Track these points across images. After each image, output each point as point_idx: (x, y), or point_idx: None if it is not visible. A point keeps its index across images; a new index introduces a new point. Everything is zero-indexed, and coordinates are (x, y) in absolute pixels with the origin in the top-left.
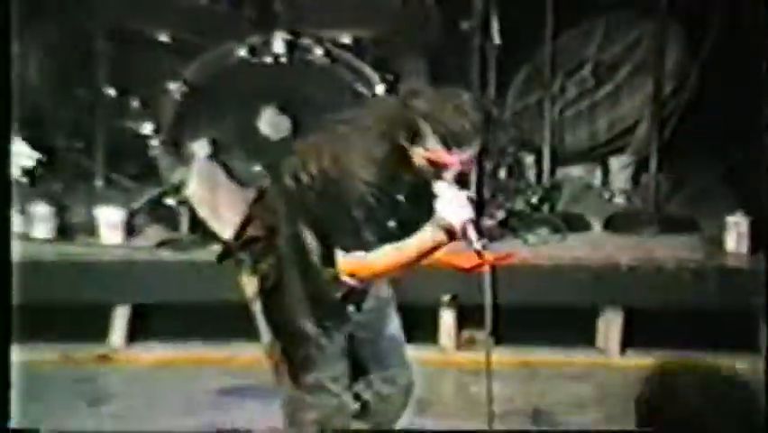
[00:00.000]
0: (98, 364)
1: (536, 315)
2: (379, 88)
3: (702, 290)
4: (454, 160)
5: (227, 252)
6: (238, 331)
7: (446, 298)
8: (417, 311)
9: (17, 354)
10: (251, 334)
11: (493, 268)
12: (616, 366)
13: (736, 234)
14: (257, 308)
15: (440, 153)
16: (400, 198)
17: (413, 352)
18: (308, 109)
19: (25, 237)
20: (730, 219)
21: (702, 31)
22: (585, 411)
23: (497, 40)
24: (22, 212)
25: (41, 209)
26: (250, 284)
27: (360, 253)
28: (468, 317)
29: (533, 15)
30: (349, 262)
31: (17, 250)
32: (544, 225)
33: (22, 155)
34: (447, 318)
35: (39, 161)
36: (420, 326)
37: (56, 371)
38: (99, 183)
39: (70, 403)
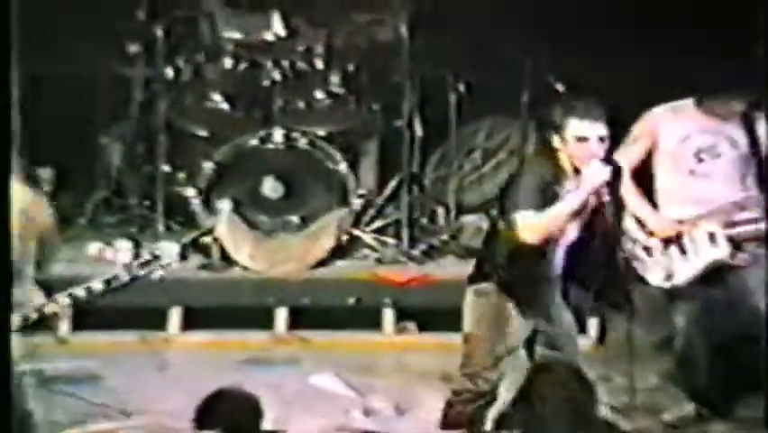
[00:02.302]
0: (163, 345)
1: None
2: (342, 165)
3: None
4: (595, 146)
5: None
6: (250, 323)
7: (387, 300)
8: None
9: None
10: (259, 324)
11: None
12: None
13: None
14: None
15: (582, 146)
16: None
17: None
18: (296, 178)
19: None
20: None
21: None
22: None
23: (419, 132)
24: (111, 245)
25: (124, 243)
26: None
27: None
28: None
29: (442, 116)
30: (528, 220)
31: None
32: (452, 254)
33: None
34: (387, 314)
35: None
36: (368, 319)
37: (135, 349)
38: (160, 228)
39: (145, 369)
